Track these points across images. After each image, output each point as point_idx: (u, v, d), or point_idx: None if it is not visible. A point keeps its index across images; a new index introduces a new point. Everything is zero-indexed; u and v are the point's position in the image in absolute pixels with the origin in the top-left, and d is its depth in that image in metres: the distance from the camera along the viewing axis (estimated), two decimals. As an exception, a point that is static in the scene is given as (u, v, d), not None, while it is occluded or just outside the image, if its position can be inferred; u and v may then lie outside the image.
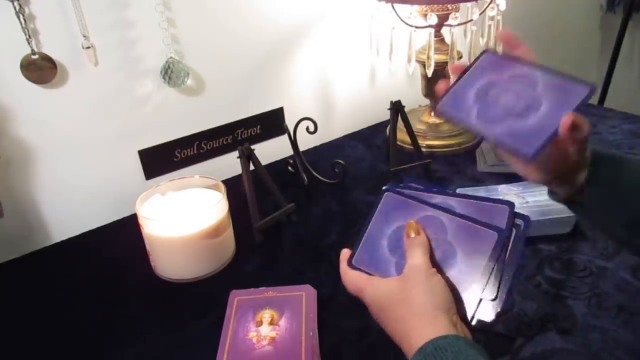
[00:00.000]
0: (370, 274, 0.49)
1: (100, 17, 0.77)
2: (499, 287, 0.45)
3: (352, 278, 0.49)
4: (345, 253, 0.52)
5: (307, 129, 0.89)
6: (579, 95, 0.45)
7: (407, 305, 0.44)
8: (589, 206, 0.51)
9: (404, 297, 0.44)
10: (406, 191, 0.52)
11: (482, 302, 0.45)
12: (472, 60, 0.53)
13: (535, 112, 0.46)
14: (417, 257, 0.46)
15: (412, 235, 0.48)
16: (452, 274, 0.46)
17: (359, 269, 0.49)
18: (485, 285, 0.45)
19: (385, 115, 0.96)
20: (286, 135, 0.90)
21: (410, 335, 0.42)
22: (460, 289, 0.45)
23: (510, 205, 0.47)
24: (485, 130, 0.48)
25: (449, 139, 1.02)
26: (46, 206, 0.83)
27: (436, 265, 0.47)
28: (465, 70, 0.52)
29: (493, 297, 0.45)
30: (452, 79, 0.53)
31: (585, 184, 0.49)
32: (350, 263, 0.50)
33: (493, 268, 0.45)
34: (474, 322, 0.44)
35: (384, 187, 0.53)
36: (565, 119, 0.43)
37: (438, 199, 0.50)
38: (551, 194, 0.54)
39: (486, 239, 0.46)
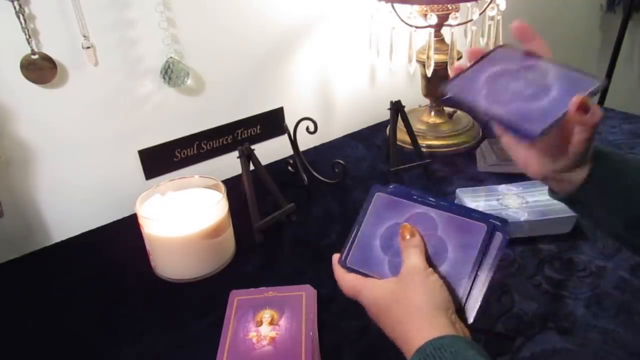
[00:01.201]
0: (364, 274, 0.49)
1: (100, 17, 0.77)
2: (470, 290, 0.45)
3: (348, 281, 0.49)
4: (337, 257, 0.52)
5: (307, 129, 0.89)
6: (588, 85, 0.45)
7: (405, 306, 0.44)
8: (589, 205, 0.51)
9: (402, 297, 0.44)
10: (394, 188, 0.53)
11: (471, 296, 0.45)
12: (488, 51, 0.53)
13: (545, 97, 0.46)
14: (414, 258, 0.46)
15: (408, 237, 0.48)
16: (444, 268, 0.47)
17: (352, 269, 0.50)
18: (474, 279, 0.45)
19: (385, 115, 0.96)
20: (286, 135, 0.90)
21: (409, 336, 0.42)
22: (451, 282, 0.46)
23: (489, 224, 0.47)
24: (491, 109, 0.47)
25: (449, 139, 1.02)
26: (46, 206, 0.83)
27: (430, 262, 0.47)
28: (478, 60, 0.52)
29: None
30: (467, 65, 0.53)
31: (586, 181, 0.49)
32: (344, 264, 0.51)
33: (481, 261, 0.46)
34: (469, 319, 0.44)
35: (372, 188, 0.54)
36: (575, 99, 0.43)
37: (420, 208, 0.51)
38: (551, 192, 0.54)
39: (475, 231, 0.47)
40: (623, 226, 0.49)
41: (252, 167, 0.81)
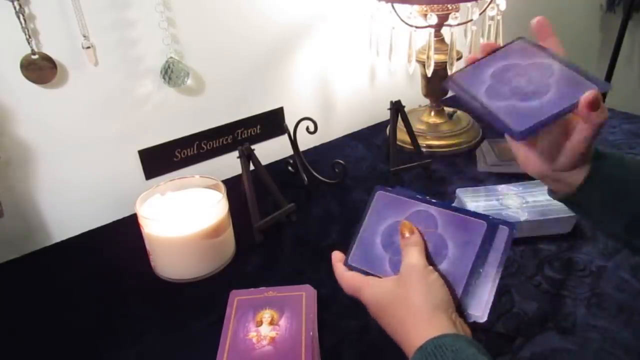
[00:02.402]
0: (366, 272, 0.49)
1: (100, 17, 0.77)
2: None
3: (348, 279, 0.50)
4: (337, 255, 0.52)
5: (307, 129, 0.89)
6: (588, 90, 0.44)
7: (405, 305, 0.44)
8: (588, 206, 0.50)
9: (402, 296, 0.44)
10: (397, 188, 0.54)
11: (474, 295, 0.45)
12: (505, 43, 0.53)
13: (540, 98, 0.46)
14: (413, 256, 0.46)
15: (407, 235, 0.48)
16: (444, 266, 0.47)
17: (355, 268, 0.51)
18: (476, 278, 0.45)
19: (385, 115, 0.96)
20: (286, 135, 0.90)
21: (410, 335, 0.42)
22: (451, 280, 0.46)
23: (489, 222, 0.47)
24: (487, 102, 0.48)
25: (449, 139, 1.02)
26: (46, 206, 0.83)
27: (430, 260, 0.47)
28: (495, 50, 0.53)
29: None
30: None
31: (585, 182, 0.49)
32: (345, 263, 0.51)
33: (484, 260, 0.45)
34: (468, 317, 0.44)
35: (375, 187, 0.54)
36: (587, 94, 0.42)
37: (420, 206, 0.51)
38: (550, 192, 0.54)
39: (476, 228, 0.47)
40: (622, 227, 0.49)
41: (252, 167, 0.81)
